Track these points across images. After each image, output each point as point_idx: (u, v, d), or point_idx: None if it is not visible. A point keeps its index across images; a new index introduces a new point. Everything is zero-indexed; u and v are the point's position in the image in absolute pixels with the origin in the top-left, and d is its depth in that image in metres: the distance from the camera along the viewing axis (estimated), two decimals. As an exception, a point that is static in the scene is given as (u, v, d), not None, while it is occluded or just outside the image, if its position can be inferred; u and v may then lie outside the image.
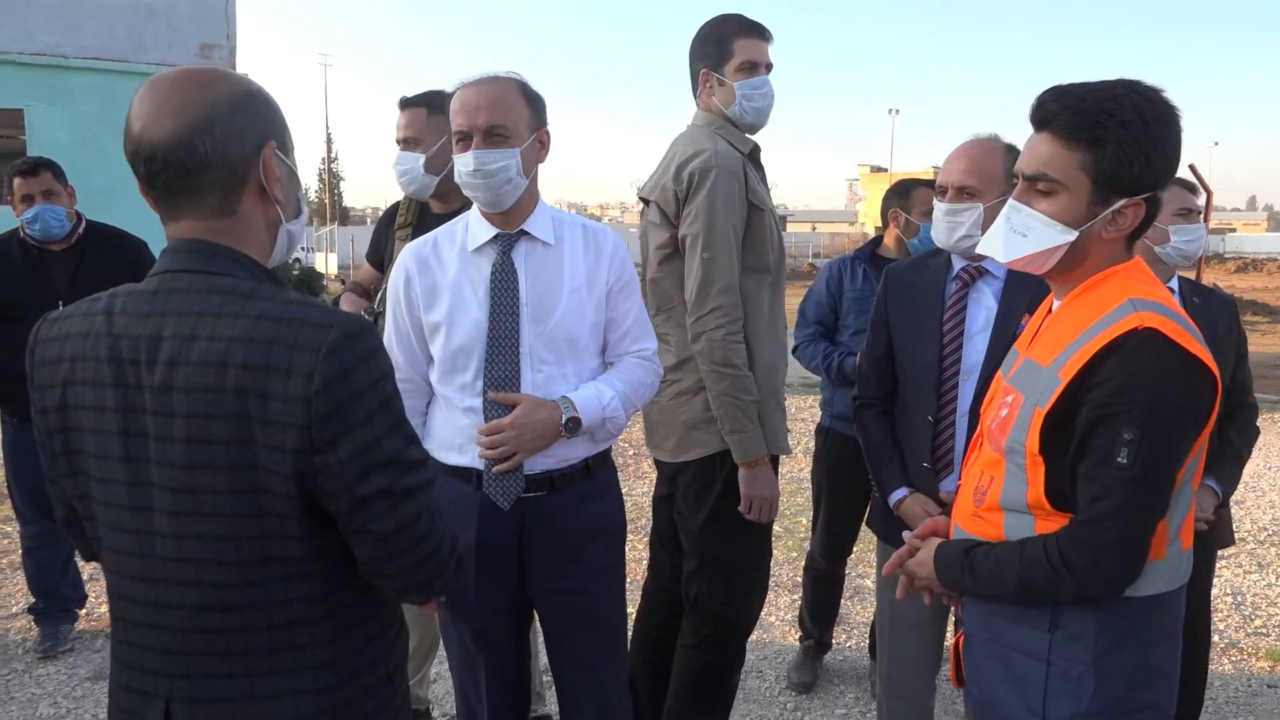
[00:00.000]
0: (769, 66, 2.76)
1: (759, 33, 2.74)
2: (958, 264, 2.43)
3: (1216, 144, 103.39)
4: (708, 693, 2.85)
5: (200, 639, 1.32)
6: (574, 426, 2.12)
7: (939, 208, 2.38)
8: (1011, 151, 2.37)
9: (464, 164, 2.10)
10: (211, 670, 1.33)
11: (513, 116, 2.11)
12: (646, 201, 2.79)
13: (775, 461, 2.71)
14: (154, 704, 1.35)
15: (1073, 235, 1.61)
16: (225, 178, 1.32)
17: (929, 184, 3.62)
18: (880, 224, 3.83)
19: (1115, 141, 1.56)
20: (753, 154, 2.74)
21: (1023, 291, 2.30)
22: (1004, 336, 2.29)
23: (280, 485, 1.26)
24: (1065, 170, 1.60)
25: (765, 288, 2.71)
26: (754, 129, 2.79)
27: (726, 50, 2.71)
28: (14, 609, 4.35)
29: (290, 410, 1.23)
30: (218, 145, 1.30)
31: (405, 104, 3.00)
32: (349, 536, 1.32)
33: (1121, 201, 1.60)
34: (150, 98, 1.31)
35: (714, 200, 2.56)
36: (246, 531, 1.28)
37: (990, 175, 2.33)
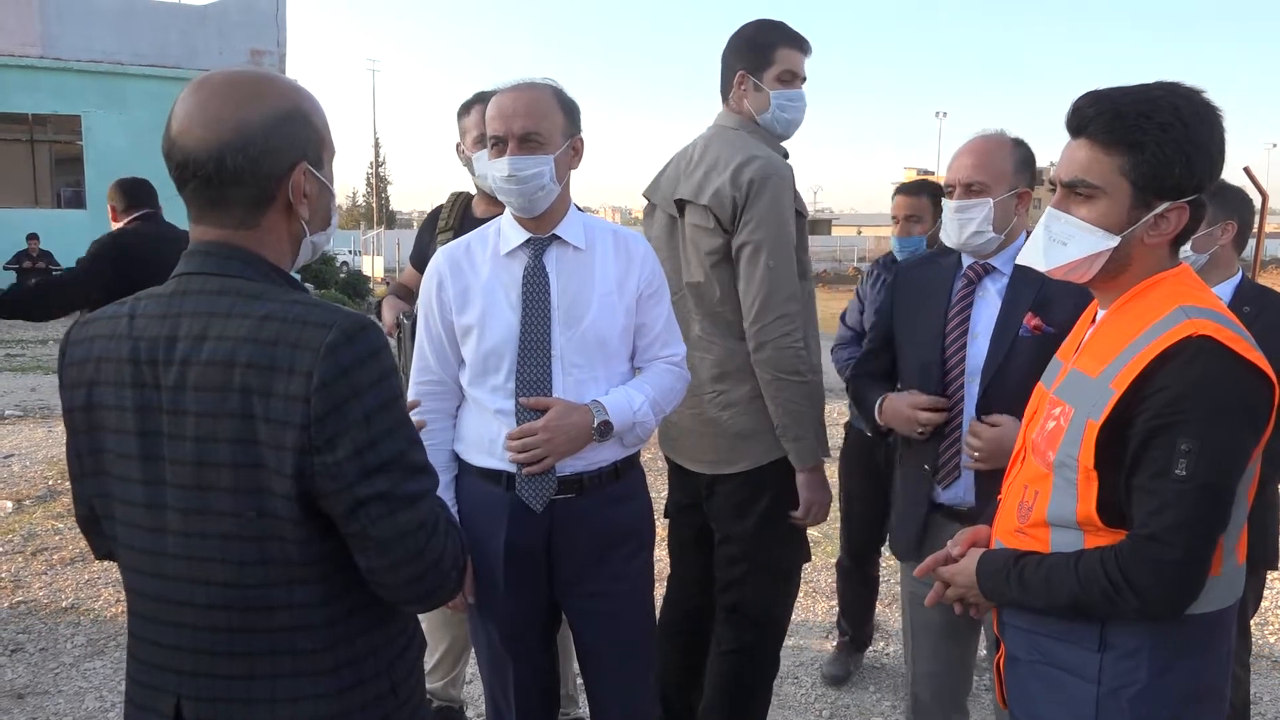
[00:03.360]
0: (804, 79, 2.75)
1: (801, 45, 2.73)
2: (966, 262, 2.37)
3: (1275, 146, 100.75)
4: (748, 698, 2.84)
5: (208, 638, 1.33)
6: (605, 430, 2.13)
7: (948, 206, 2.31)
8: (1020, 145, 2.31)
9: (498, 169, 2.12)
10: (217, 670, 1.34)
11: (548, 124, 2.12)
12: (682, 205, 2.72)
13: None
14: (165, 699, 1.36)
15: (1114, 241, 1.58)
16: (253, 194, 1.33)
17: (914, 186, 3.62)
18: None
19: (1154, 144, 1.53)
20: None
21: (1027, 289, 2.22)
22: (1005, 335, 2.21)
23: (280, 486, 1.26)
24: (1104, 175, 1.57)
25: (808, 294, 2.70)
26: (781, 139, 2.77)
27: (767, 57, 2.69)
28: (64, 603, 4.46)
29: (290, 409, 1.24)
30: (249, 163, 1.30)
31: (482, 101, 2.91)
32: (350, 542, 1.32)
33: (1164, 205, 1.57)
34: (192, 101, 1.31)
35: (776, 208, 2.54)
36: (248, 531, 1.29)
37: (998, 170, 2.26)
